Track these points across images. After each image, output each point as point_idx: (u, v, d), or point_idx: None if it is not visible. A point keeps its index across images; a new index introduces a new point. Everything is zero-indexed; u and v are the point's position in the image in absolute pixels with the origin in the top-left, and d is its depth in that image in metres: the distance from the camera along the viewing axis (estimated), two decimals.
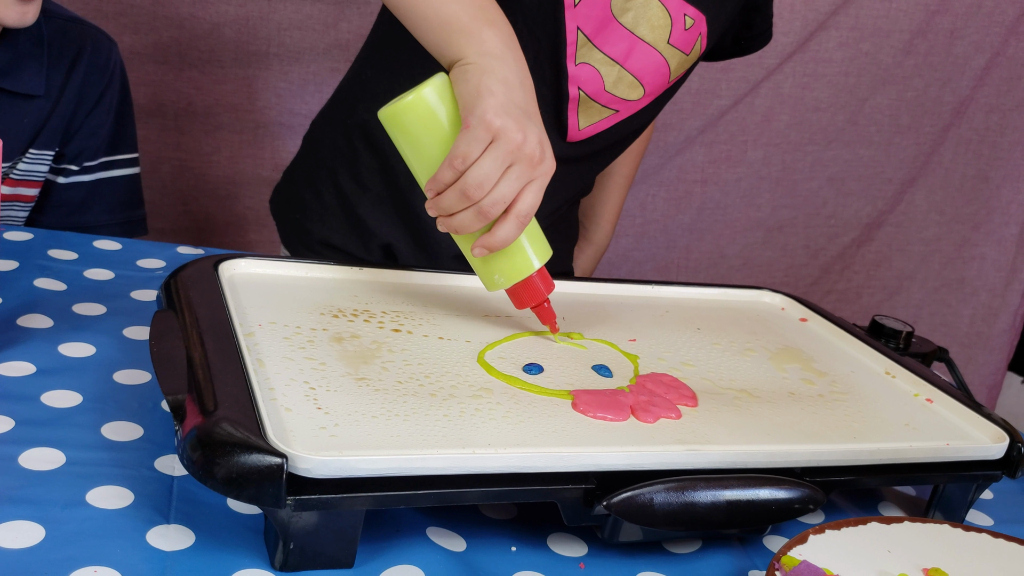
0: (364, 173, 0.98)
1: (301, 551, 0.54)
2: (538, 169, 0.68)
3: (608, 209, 1.20)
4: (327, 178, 1.00)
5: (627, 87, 0.92)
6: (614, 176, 1.17)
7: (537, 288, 0.73)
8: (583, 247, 1.21)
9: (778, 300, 0.93)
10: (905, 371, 0.80)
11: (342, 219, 1.00)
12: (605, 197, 1.19)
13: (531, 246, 0.73)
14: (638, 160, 1.20)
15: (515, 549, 0.60)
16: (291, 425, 0.56)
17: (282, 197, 1.07)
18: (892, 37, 1.62)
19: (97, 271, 0.87)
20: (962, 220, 1.81)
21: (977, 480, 0.70)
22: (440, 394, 0.63)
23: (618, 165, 1.16)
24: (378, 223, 0.99)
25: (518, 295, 0.74)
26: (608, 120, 0.95)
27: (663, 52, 0.90)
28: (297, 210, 1.04)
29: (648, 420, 0.64)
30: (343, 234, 1.00)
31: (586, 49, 0.89)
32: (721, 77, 1.58)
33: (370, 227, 0.99)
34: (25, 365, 0.69)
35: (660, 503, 0.58)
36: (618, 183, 1.19)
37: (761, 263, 1.74)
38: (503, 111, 0.66)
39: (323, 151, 1.02)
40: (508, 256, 0.72)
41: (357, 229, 1.00)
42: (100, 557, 0.52)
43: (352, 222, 1.00)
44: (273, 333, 0.67)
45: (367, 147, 0.97)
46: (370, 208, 0.99)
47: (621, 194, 1.21)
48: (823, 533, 0.59)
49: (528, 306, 0.74)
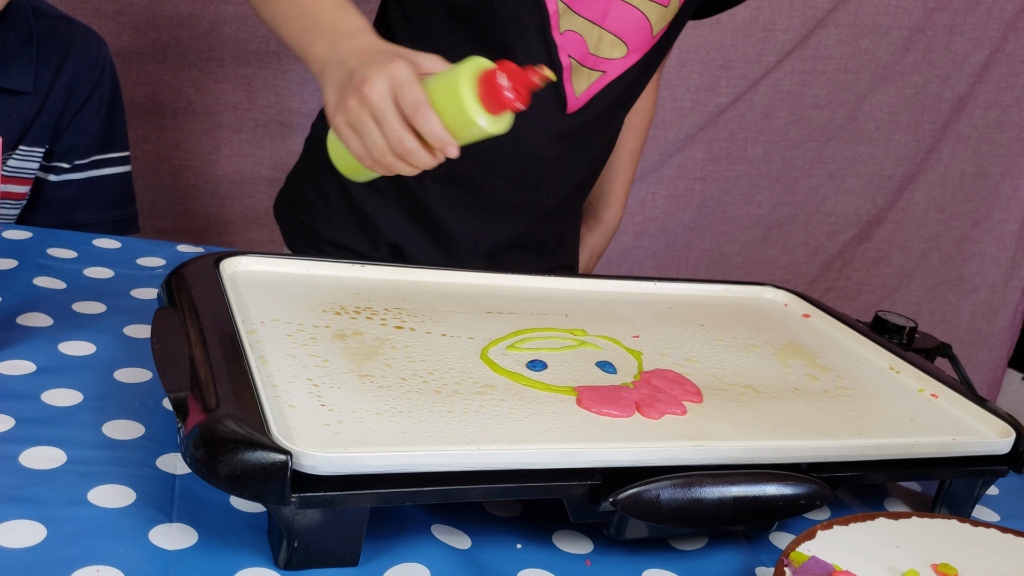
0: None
1: (305, 549, 0.53)
2: (395, 76, 0.69)
3: (617, 187, 1.19)
4: (332, 178, 1.00)
5: (609, 47, 0.92)
6: (619, 152, 1.16)
7: (496, 84, 0.67)
8: (592, 225, 1.20)
9: (781, 296, 0.93)
10: (909, 367, 0.79)
11: (349, 218, 1.00)
12: (612, 175, 1.18)
13: (457, 93, 0.67)
14: (643, 135, 1.20)
15: (520, 546, 0.60)
16: (295, 422, 0.55)
17: (287, 200, 1.07)
18: (891, 34, 1.62)
19: (97, 269, 0.87)
20: (962, 217, 1.81)
21: (983, 475, 0.69)
22: (444, 391, 0.63)
23: (622, 140, 1.15)
24: (386, 221, 0.99)
25: (495, 96, 0.67)
26: (598, 83, 0.95)
27: (640, 7, 0.91)
28: (303, 211, 1.04)
29: (653, 416, 0.64)
30: (351, 233, 1.00)
31: (568, 17, 0.90)
32: (721, 75, 1.58)
33: (378, 225, 0.99)
34: (25, 364, 0.69)
35: (666, 499, 0.57)
36: (624, 160, 1.18)
37: (761, 260, 1.74)
38: (337, 84, 0.71)
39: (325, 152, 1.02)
40: (454, 112, 0.68)
41: (365, 228, 1.00)
42: (102, 556, 0.52)
43: (360, 221, 1.00)
44: (275, 330, 0.67)
45: None
46: (377, 206, 0.99)
47: (629, 171, 1.20)
48: (831, 529, 0.59)
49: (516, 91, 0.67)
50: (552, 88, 0.93)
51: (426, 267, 0.81)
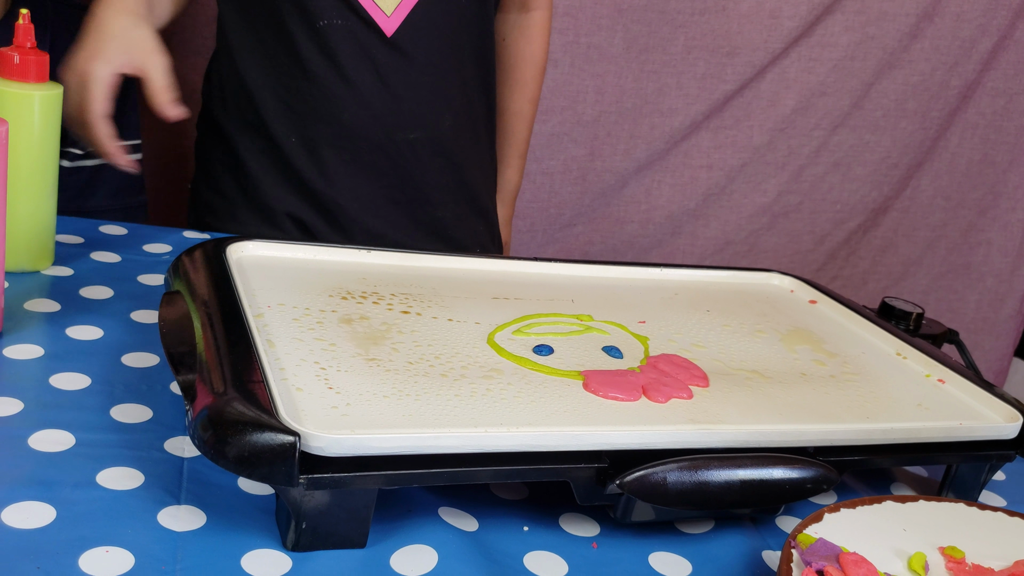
0: (246, 156, 1.04)
1: (313, 531, 0.53)
2: (89, 76, 0.82)
3: (506, 151, 1.20)
4: (226, 175, 1.06)
5: None
6: (504, 115, 1.17)
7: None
8: (498, 197, 1.21)
9: (787, 282, 0.93)
10: (916, 352, 0.79)
11: (249, 209, 1.05)
12: (501, 139, 1.19)
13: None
14: (529, 92, 1.19)
15: (527, 529, 0.60)
16: (303, 404, 0.55)
17: (194, 208, 1.13)
18: (898, 21, 1.61)
19: (104, 254, 0.87)
20: (968, 205, 1.80)
21: (990, 460, 0.69)
22: (451, 375, 0.63)
23: (506, 101, 1.15)
24: (280, 201, 1.04)
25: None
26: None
27: None
28: (207, 214, 1.09)
29: (660, 400, 0.64)
30: (255, 224, 1.04)
31: None
32: (726, 62, 1.58)
33: (274, 207, 1.04)
34: (33, 348, 0.69)
35: (673, 482, 0.57)
36: (509, 122, 1.18)
37: (767, 249, 1.74)
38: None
39: (212, 153, 1.09)
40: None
41: (266, 215, 1.04)
42: (111, 537, 0.52)
43: (258, 208, 1.04)
44: (282, 315, 0.67)
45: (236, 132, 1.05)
46: (269, 188, 1.04)
47: (517, 133, 1.20)
48: (838, 512, 0.59)
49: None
50: (357, 19, 0.95)
51: (432, 253, 0.82)
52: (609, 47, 1.53)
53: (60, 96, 0.80)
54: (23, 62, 0.76)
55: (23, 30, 0.77)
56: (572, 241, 1.65)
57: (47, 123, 0.79)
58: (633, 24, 1.53)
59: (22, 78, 0.77)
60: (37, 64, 0.77)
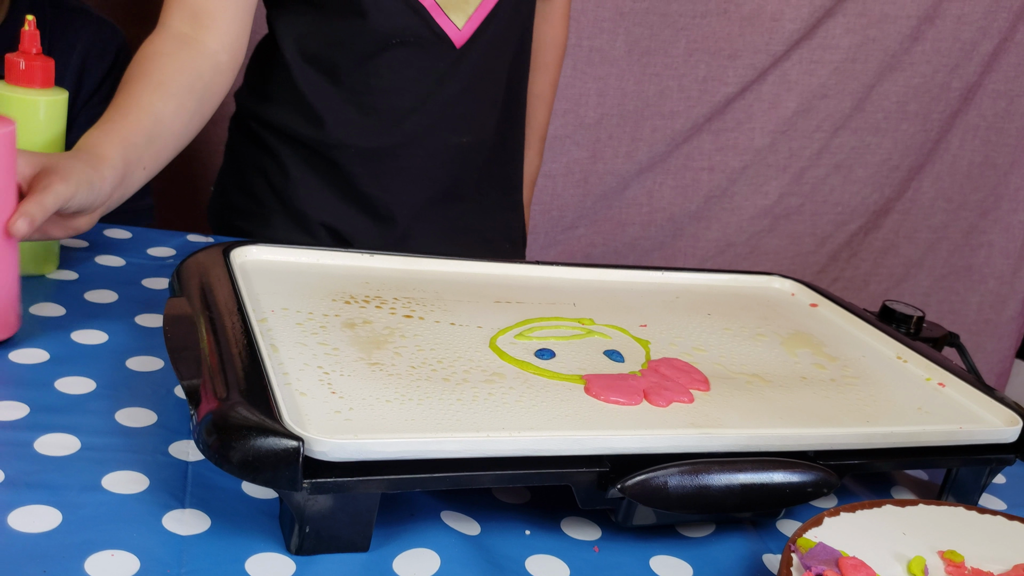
0: (288, 163, 1.03)
1: (317, 535, 0.54)
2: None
3: (529, 135, 1.20)
4: (261, 182, 1.04)
5: None
6: (528, 98, 1.17)
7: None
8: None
9: (788, 286, 0.93)
10: (917, 355, 0.79)
11: (284, 216, 1.03)
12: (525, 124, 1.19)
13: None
14: (552, 75, 1.21)
15: (529, 533, 0.60)
16: (306, 409, 0.56)
17: (219, 209, 1.11)
18: (899, 23, 1.61)
19: (108, 258, 0.87)
20: (970, 207, 1.81)
21: (990, 463, 0.70)
22: (453, 379, 0.63)
23: (530, 84, 1.16)
24: (319, 210, 1.02)
25: None
26: (484, 7, 0.97)
27: None
28: (238, 218, 1.07)
29: (661, 404, 0.64)
30: (286, 230, 1.03)
31: None
32: (728, 64, 1.58)
33: (311, 216, 1.02)
34: (39, 352, 0.69)
35: (674, 486, 0.58)
36: (532, 104, 1.19)
37: (768, 251, 1.74)
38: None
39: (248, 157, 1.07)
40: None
41: (300, 222, 1.03)
42: (117, 541, 0.52)
43: (295, 217, 1.03)
44: (286, 319, 0.67)
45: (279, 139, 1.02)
46: (307, 197, 1.02)
47: (539, 116, 1.21)
48: (838, 516, 0.59)
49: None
50: (428, 33, 0.95)
51: (435, 257, 0.82)
52: (611, 50, 1.54)
53: (65, 101, 0.80)
54: (29, 68, 0.77)
55: (29, 36, 0.77)
56: (574, 243, 1.66)
57: (52, 128, 0.79)
58: (635, 27, 1.53)
59: (28, 83, 0.77)
60: (42, 70, 0.78)
